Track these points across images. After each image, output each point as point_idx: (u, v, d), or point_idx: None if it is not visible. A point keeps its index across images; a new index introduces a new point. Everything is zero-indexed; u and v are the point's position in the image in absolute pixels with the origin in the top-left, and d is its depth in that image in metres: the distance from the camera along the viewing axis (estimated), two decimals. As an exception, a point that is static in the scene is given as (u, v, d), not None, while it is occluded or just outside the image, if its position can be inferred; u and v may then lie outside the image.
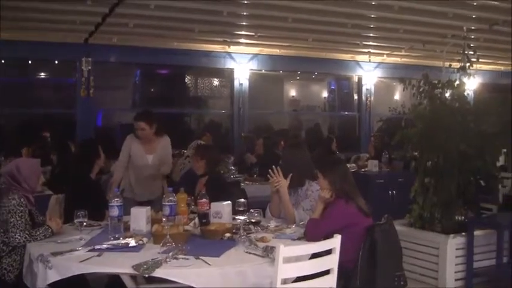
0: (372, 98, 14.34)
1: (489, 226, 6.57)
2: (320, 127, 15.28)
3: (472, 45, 10.95)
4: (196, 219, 4.69)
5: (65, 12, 8.97)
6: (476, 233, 6.45)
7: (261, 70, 13.20)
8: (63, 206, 5.66)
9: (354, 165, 10.95)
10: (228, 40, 11.91)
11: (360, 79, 14.37)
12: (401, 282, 4.47)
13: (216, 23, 10.00)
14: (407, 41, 11.75)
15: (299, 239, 4.37)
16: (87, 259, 3.75)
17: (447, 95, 7.08)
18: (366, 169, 10.31)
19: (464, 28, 10.46)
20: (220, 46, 12.32)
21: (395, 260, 4.47)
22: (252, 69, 12.89)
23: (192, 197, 5.33)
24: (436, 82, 7.15)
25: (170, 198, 4.44)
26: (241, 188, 7.41)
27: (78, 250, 3.93)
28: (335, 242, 3.77)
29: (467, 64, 7.27)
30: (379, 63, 14.11)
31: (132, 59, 11.87)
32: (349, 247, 4.11)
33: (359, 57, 13.94)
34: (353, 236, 4.24)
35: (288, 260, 3.57)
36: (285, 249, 3.52)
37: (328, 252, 3.78)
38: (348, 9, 9.14)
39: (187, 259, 3.73)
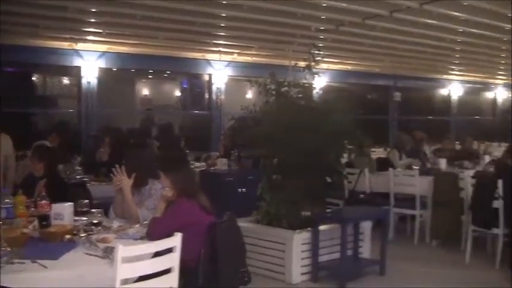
0: (223, 97, 14.63)
1: (334, 221, 6.89)
2: (172, 126, 15.35)
3: (320, 45, 11.51)
4: (36, 222, 4.58)
5: None
6: (322, 227, 6.77)
7: (110, 68, 13.03)
8: None
9: (203, 163, 11.13)
10: (75, 37, 11.69)
11: (210, 78, 14.60)
12: (245, 278, 4.61)
13: (62, 19, 9.78)
14: (257, 40, 12.07)
15: (141, 238, 4.36)
16: None
17: (294, 93, 7.34)
18: (216, 167, 10.50)
19: (313, 28, 10.90)
20: (68, 43, 12.04)
21: (238, 256, 4.60)
22: (100, 67, 12.70)
23: (32, 199, 5.21)
24: (282, 81, 7.40)
25: (6, 200, 4.31)
26: (86, 189, 7.32)
27: None
28: (176, 241, 3.82)
29: (313, 63, 7.56)
30: (230, 62, 14.42)
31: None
32: (191, 245, 4.17)
33: (210, 56, 14.18)
34: (195, 234, 4.30)
35: (128, 260, 3.57)
36: (123, 249, 3.52)
37: (171, 250, 3.83)
38: (197, 8, 9.25)
39: (23, 263, 3.62)
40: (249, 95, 15.74)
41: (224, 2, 9.09)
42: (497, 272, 7.18)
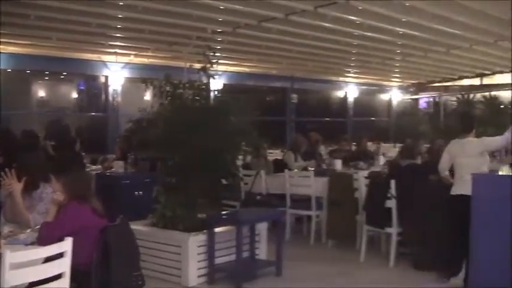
0: (120, 99, 14.50)
1: (229, 223, 6.97)
2: (69, 128, 15.01)
3: (218, 47, 11.63)
4: None
5: None
6: (218, 230, 6.83)
7: (5, 69, 12.67)
8: None
9: (99, 166, 10.98)
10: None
11: (107, 79, 14.46)
12: (139, 282, 4.64)
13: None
14: (153, 41, 12.07)
15: (32, 243, 4.33)
16: None
17: (189, 95, 7.39)
18: (112, 170, 10.38)
19: (209, 30, 11.00)
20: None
21: (131, 260, 4.63)
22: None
23: None
24: (177, 82, 7.44)
25: None
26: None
27: None
28: (66, 245, 3.81)
29: (208, 65, 7.63)
30: (127, 63, 14.32)
31: None
32: (84, 249, 4.18)
33: (106, 57, 14.04)
34: (87, 238, 4.30)
35: (17, 266, 3.54)
36: (11, 256, 3.49)
37: (62, 255, 3.82)
38: (92, 9, 9.18)
39: None
40: (147, 96, 15.66)
41: (120, 3, 9.06)
42: (391, 270, 7.47)
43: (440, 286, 6.81)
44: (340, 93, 21.90)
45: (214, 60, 7.73)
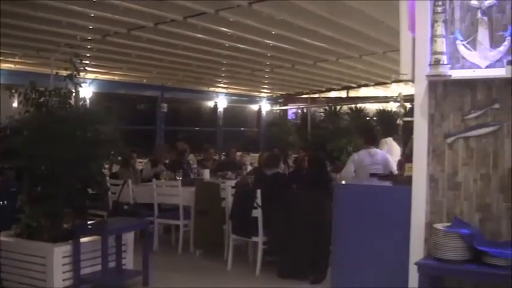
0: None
1: (95, 232, 6.95)
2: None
3: (88, 54, 11.50)
4: None
5: None
6: (84, 240, 6.79)
7: None
8: None
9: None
10: None
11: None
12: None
13: None
14: (21, 47, 11.76)
15: None
16: None
17: (54, 102, 7.29)
18: (-25, 180, 10.01)
19: (78, 37, 10.88)
20: None
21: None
22: None
23: None
24: (43, 90, 7.33)
25: None
26: None
27: None
28: None
29: (75, 72, 7.54)
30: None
31: None
32: None
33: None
34: None
35: None
36: None
37: None
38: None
39: None
40: (16, 104, 15.18)
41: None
42: (257, 278, 7.68)
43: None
44: (210, 103, 22.14)
45: (81, 68, 7.65)
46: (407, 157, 5.73)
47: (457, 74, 4.63)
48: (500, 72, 4.47)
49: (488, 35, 4.55)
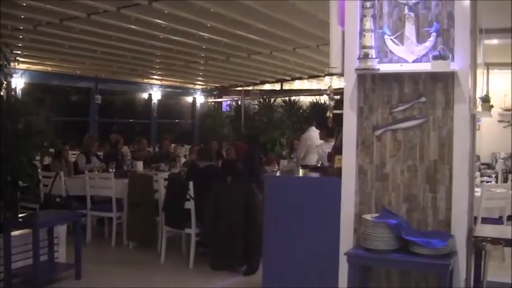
0: None
1: (26, 225, 6.81)
2: None
3: (19, 44, 11.19)
4: None
5: None
6: (14, 233, 6.65)
7: None
8: None
9: None
10: None
11: None
12: None
13: None
14: None
15: None
16: None
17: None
18: None
19: (9, 27, 10.59)
20: None
21: None
22: None
23: None
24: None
25: None
26: None
27: None
28: None
29: (5, 63, 7.34)
30: None
31: None
32: None
33: None
34: None
35: None
36: None
37: None
38: None
39: None
40: None
41: None
42: (191, 271, 7.68)
43: (236, 285, 7.17)
44: (145, 95, 21.93)
45: (12, 58, 7.47)
46: (336, 149, 5.80)
47: (385, 68, 4.72)
48: (426, 66, 4.58)
49: (415, 30, 4.66)
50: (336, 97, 5.85)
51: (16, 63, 7.60)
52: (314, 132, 10.73)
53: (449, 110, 4.61)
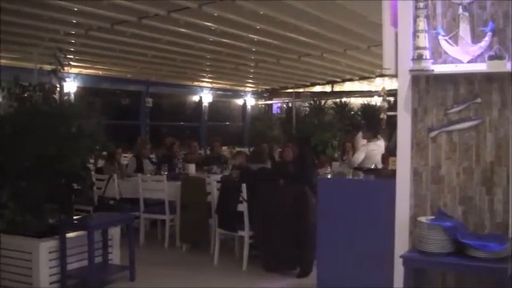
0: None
1: (81, 228, 6.95)
2: None
3: (71, 49, 11.44)
4: None
5: None
6: (70, 235, 6.78)
7: None
8: None
9: None
10: None
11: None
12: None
13: None
14: (3, 42, 11.66)
15: None
16: None
17: (37, 97, 7.27)
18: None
19: (61, 32, 10.84)
20: None
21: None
22: None
23: None
24: (27, 85, 7.31)
25: None
26: None
27: None
28: None
29: (59, 67, 7.52)
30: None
31: None
32: None
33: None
34: None
35: None
36: None
37: None
38: None
39: None
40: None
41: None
42: (244, 272, 7.73)
43: (289, 287, 7.21)
44: (195, 98, 22.11)
45: (65, 63, 7.63)
46: (390, 151, 5.80)
47: (440, 68, 4.69)
48: (481, 67, 4.53)
49: (470, 30, 4.61)
50: (389, 98, 5.84)
51: (69, 68, 7.75)
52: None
53: (506, 111, 4.56)
